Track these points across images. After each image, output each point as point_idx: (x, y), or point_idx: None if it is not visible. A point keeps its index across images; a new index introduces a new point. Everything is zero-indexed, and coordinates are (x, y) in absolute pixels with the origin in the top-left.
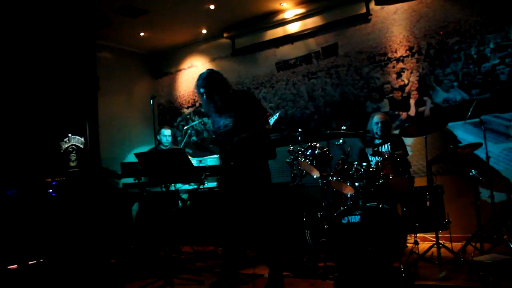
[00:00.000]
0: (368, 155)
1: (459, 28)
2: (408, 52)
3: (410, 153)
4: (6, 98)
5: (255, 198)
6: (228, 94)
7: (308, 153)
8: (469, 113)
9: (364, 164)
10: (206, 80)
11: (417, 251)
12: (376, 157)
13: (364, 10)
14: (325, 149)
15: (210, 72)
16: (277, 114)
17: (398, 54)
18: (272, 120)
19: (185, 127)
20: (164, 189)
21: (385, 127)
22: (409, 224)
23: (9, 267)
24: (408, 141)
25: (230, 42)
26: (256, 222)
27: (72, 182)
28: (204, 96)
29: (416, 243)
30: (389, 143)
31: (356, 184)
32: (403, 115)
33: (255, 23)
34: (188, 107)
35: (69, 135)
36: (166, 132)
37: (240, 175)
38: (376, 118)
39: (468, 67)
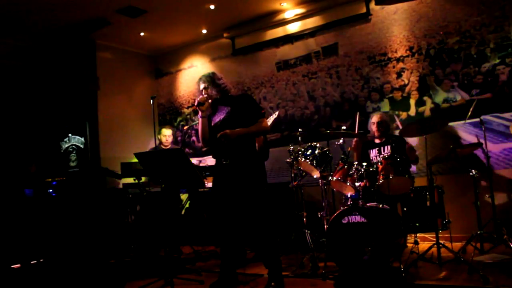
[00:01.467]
0: (369, 155)
1: (459, 28)
2: (408, 52)
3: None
4: (7, 98)
5: (250, 198)
6: (226, 95)
7: (308, 153)
8: (469, 113)
9: (364, 164)
10: (210, 78)
11: (417, 251)
12: (378, 156)
13: (364, 10)
14: (325, 149)
15: (213, 72)
16: (276, 113)
17: (398, 54)
18: (270, 120)
19: (185, 127)
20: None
21: (381, 126)
22: (409, 224)
23: (12, 266)
24: (412, 141)
25: (230, 42)
26: (253, 222)
27: (72, 182)
28: (203, 92)
29: (416, 243)
30: (389, 145)
31: (356, 184)
32: (403, 115)
33: (255, 23)
34: (188, 107)
35: (69, 135)
36: (166, 132)
37: (233, 174)
38: (374, 118)
39: (468, 67)
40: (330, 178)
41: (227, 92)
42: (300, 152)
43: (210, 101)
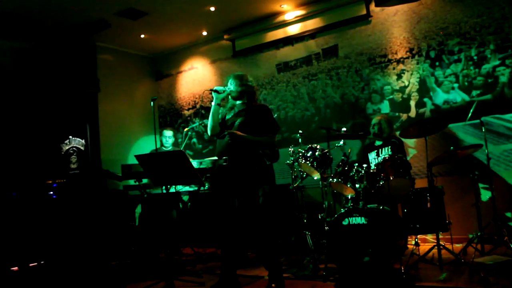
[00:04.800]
0: (369, 156)
1: (459, 29)
2: (408, 53)
3: (412, 154)
4: (7, 100)
5: (249, 199)
6: (248, 97)
7: (308, 154)
8: (470, 115)
9: (365, 165)
10: (239, 76)
11: (417, 253)
12: (377, 159)
13: (364, 12)
14: (325, 151)
15: (244, 74)
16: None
17: (399, 56)
18: None
19: (186, 129)
20: (164, 191)
21: (380, 129)
22: (409, 225)
23: (11, 268)
24: (411, 141)
25: (230, 44)
26: (253, 224)
27: (72, 184)
28: (230, 88)
29: (416, 244)
30: (389, 146)
31: (357, 185)
32: (404, 116)
33: (255, 25)
34: (188, 109)
35: (70, 137)
36: (168, 133)
37: (232, 175)
38: (373, 120)
39: (468, 68)
40: (331, 179)
41: (249, 96)
42: (300, 154)
43: (228, 94)
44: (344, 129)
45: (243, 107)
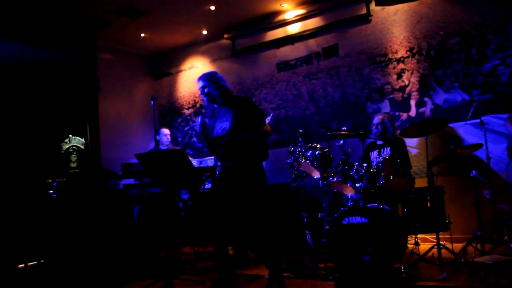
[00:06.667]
0: (370, 155)
1: (459, 28)
2: (408, 53)
3: (413, 153)
4: (7, 98)
5: (251, 199)
6: (228, 95)
7: (308, 154)
8: (470, 114)
9: (365, 165)
10: (210, 77)
11: (417, 252)
12: (379, 158)
13: (364, 11)
14: (325, 150)
15: (213, 72)
16: (269, 116)
17: (399, 55)
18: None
19: (186, 128)
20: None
21: (382, 128)
22: (409, 225)
23: (11, 268)
24: (412, 141)
25: (230, 43)
26: (253, 223)
27: (72, 183)
28: (206, 93)
29: (416, 244)
30: (389, 146)
31: (357, 185)
32: (404, 116)
33: (255, 24)
34: (188, 108)
35: (70, 135)
36: (166, 131)
37: (235, 175)
38: (375, 119)
39: (468, 67)
40: (331, 179)
41: (229, 93)
42: (300, 153)
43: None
44: (344, 128)
45: (225, 108)
